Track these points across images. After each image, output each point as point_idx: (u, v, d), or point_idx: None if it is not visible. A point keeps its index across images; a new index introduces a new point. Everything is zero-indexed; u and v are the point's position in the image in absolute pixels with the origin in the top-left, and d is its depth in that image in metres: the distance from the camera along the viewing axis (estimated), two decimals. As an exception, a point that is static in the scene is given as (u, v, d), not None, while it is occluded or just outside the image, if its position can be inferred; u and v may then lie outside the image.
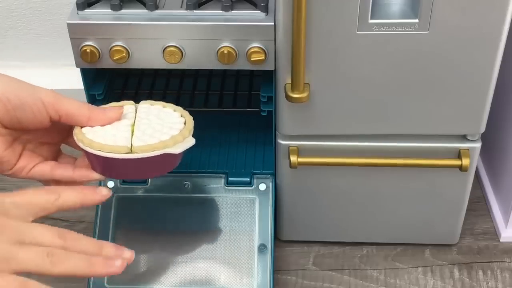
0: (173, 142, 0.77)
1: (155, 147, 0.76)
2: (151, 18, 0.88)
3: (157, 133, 0.78)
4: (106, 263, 0.66)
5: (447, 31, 0.84)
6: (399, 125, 0.94)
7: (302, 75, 0.86)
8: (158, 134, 0.78)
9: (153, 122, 0.79)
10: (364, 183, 1.02)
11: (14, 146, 0.74)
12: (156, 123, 0.79)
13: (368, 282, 1.07)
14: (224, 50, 0.88)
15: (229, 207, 1.01)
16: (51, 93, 0.73)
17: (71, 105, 0.74)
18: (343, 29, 0.84)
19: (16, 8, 1.32)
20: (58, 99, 0.73)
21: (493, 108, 0.93)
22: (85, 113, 0.74)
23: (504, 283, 1.07)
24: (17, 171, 0.75)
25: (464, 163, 0.96)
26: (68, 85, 1.35)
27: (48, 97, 0.72)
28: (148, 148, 0.76)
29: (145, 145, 0.76)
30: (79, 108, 0.74)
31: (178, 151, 0.78)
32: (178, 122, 0.81)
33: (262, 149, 1.08)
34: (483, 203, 1.20)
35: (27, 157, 0.75)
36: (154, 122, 0.79)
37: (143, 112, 0.81)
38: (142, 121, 0.79)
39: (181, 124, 0.80)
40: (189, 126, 0.80)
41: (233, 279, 0.97)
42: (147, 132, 0.78)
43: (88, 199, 0.70)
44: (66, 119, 0.74)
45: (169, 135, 0.78)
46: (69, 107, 0.73)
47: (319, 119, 0.94)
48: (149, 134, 0.78)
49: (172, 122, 0.80)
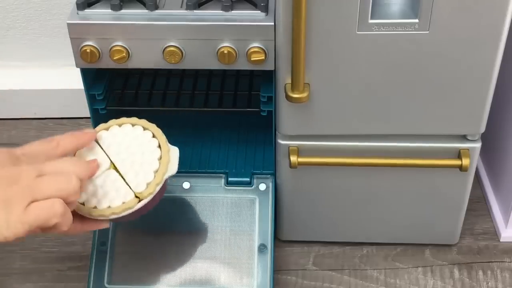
0: (165, 165, 0.78)
1: (157, 181, 0.77)
2: (151, 18, 0.88)
3: (143, 165, 0.78)
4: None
5: (447, 31, 0.84)
6: (399, 125, 0.94)
7: (302, 75, 0.86)
8: (145, 165, 0.78)
9: (131, 155, 0.79)
10: (364, 183, 1.02)
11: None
12: (134, 154, 0.79)
13: (368, 282, 1.07)
14: (224, 50, 0.88)
15: (229, 207, 1.01)
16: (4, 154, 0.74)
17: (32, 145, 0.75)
18: (343, 29, 0.84)
19: (16, 8, 1.32)
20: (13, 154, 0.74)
21: (493, 108, 0.93)
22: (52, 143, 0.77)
23: (504, 283, 1.07)
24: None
25: (464, 163, 0.96)
26: (68, 85, 1.35)
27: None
28: (153, 187, 0.77)
29: (148, 186, 0.77)
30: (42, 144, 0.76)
31: (175, 169, 0.79)
32: (150, 140, 0.81)
33: (262, 149, 1.08)
34: (483, 203, 1.20)
35: None
36: (132, 154, 0.79)
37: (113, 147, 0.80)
38: (121, 160, 0.79)
39: (152, 140, 0.81)
40: (162, 140, 0.81)
41: (233, 279, 0.97)
42: (135, 169, 0.78)
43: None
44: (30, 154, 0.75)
45: (155, 160, 0.78)
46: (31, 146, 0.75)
47: (319, 119, 0.94)
48: (137, 171, 0.78)
49: (146, 143, 0.80)
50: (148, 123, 0.84)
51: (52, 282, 1.07)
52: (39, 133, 1.37)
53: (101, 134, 0.82)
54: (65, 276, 1.07)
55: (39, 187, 0.66)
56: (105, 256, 0.98)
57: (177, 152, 0.82)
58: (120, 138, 0.81)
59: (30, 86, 1.38)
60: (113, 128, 0.83)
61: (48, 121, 1.40)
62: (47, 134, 0.80)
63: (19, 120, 1.40)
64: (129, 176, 0.78)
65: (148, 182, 0.78)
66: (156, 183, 0.78)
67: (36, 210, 0.65)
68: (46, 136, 0.77)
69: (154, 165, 0.79)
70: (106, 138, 0.81)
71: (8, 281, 1.07)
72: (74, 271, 1.08)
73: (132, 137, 0.82)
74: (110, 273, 0.97)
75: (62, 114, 1.40)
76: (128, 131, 0.82)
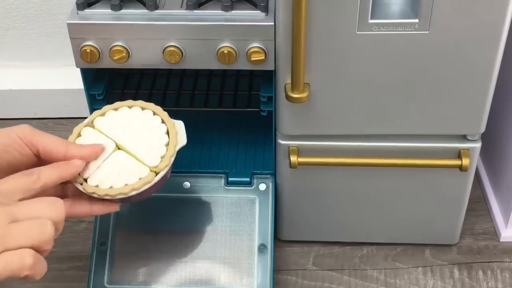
0: (174, 137, 0.78)
1: (171, 153, 0.77)
2: (151, 18, 0.88)
3: (153, 141, 0.78)
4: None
5: (447, 31, 0.84)
6: (399, 125, 0.94)
7: (302, 75, 0.86)
8: (155, 141, 0.78)
9: (137, 134, 0.79)
10: (364, 183, 1.02)
11: None
12: (140, 132, 0.79)
13: (368, 282, 1.07)
14: (224, 50, 0.88)
15: (229, 207, 1.01)
16: (26, 129, 0.73)
17: (47, 140, 0.74)
18: (343, 29, 0.84)
19: (16, 8, 1.32)
20: (34, 134, 0.73)
21: (493, 108, 0.93)
22: (61, 149, 0.74)
23: (504, 283, 1.07)
24: None
25: (464, 163, 0.96)
26: (68, 85, 1.35)
27: (23, 133, 0.73)
28: (168, 159, 0.77)
29: (163, 159, 0.77)
30: (55, 143, 0.74)
31: (184, 139, 0.80)
32: (152, 117, 0.81)
33: (262, 149, 1.08)
34: (483, 203, 1.20)
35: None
36: (138, 133, 0.79)
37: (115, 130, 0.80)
38: (127, 140, 0.79)
39: (155, 117, 0.81)
40: (165, 116, 0.81)
41: (233, 279, 0.97)
42: (145, 146, 0.78)
43: (65, 173, 0.73)
44: (43, 154, 0.74)
45: (163, 134, 0.79)
46: (45, 141, 0.74)
47: (319, 119, 0.94)
48: (149, 147, 0.78)
49: (150, 121, 0.80)
50: (146, 103, 0.83)
51: (52, 282, 1.07)
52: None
53: (97, 120, 0.81)
54: (65, 276, 1.07)
55: (11, 234, 0.61)
56: (105, 256, 0.98)
57: (182, 125, 0.82)
58: (120, 120, 0.81)
59: (30, 86, 1.38)
60: (109, 113, 0.82)
61: (48, 121, 1.40)
62: (48, 134, 0.79)
63: (19, 120, 1.40)
64: (141, 153, 0.78)
65: (162, 156, 0.78)
66: (170, 155, 0.78)
67: (5, 262, 0.60)
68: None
69: (163, 139, 0.79)
70: (104, 123, 0.80)
71: (8, 281, 1.07)
72: (74, 271, 1.08)
73: (133, 117, 0.81)
74: (110, 273, 0.97)
75: (62, 114, 1.40)
76: (126, 113, 0.82)
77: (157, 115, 0.82)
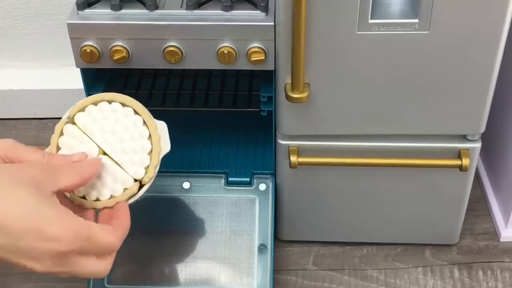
0: (157, 144, 0.78)
1: (154, 163, 0.77)
2: (151, 18, 0.88)
3: (136, 150, 0.77)
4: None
5: (447, 31, 0.84)
6: (399, 125, 0.94)
7: (302, 75, 0.86)
8: (138, 150, 0.77)
9: (120, 142, 0.78)
10: (364, 183, 1.02)
11: None
12: (123, 140, 0.78)
13: (368, 282, 1.07)
14: (224, 50, 0.88)
15: (229, 207, 1.01)
16: (6, 145, 0.72)
17: (28, 156, 0.72)
18: (343, 29, 0.84)
19: (16, 8, 1.32)
20: (14, 150, 0.71)
21: (493, 108, 0.93)
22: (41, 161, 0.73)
23: (504, 283, 1.07)
24: None
25: (464, 163, 0.96)
26: (68, 85, 1.35)
27: (3, 151, 0.71)
28: (152, 171, 0.77)
29: (148, 170, 0.77)
30: (35, 158, 0.72)
31: (168, 145, 0.79)
32: (133, 119, 0.79)
33: (262, 149, 1.08)
34: (483, 203, 1.20)
35: None
36: (121, 141, 0.78)
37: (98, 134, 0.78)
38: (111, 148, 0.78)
39: (136, 118, 0.79)
40: (146, 116, 0.79)
41: (233, 279, 0.97)
42: (129, 157, 0.77)
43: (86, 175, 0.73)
44: None
45: (146, 141, 0.78)
46: (26, 157, 0.72)
47: (319, 119, 0.94)
48: (132, 158, 0.77)
49: (131, 124, 0.79)
50: (126, 98, 0.81)
51: (52, 282, 1.07)
52: (39, 133, 1.37)
53: (78, 117, 0.79)
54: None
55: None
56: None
57: (165, 127, 0.81)
58: (101, 122, 0.79)
59: (30, 86, 1.38)
60: (89, 108, 0.80)
61: (48, 121, 1.40)
62: (47, 134, 0.79)
63: (19, 120, 1.40)
64: (125, 164, 0.77)
65: (145, 166, 0.77)
66: (154, 166, 0.77)
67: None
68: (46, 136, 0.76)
69: (146, 147, 0.78)
70: (86, 124, 0.79)
71: (8, 281, 1.07)
72: (74, 271, 1.08)
73: (114, 119, 0.79)
74: (110, 273, 0.97)
75: (62, 114, 1.39)
76: (107, 112, 0.80)
77: (138, 115, 0.80)
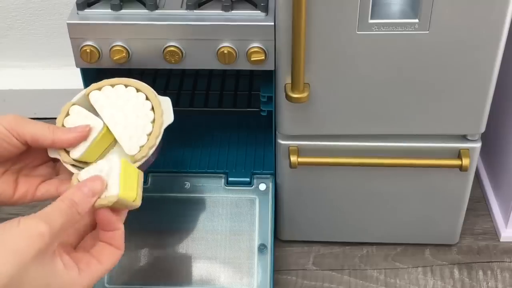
0: (158, 128, 0.78)
1: (150, 144, 0.77)
2: (151, 18, 0.88)
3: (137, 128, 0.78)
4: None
5: (447, 31, 0.84)
6: (399, 125, 0.94)
7: (302, 75, 0.86)
8: (139, 128, 0.78)
9: (124, 118, 0.78)
10: (364, 183, 1.02)
11: (5, 178, 0.74)
12: (128, 117, 0.78)
13: (368, 282, 1.07)
14: (224, 50, 0.88)
15: (229, 207, 1.01)
16: (12, 119, 0.73)
17: (34, 129, 0.73)
18: (343, 29, 0.84)
19: (16, 8, 1.32)
20: (20, 124, 0.73)
21: (493, 108, 0.93)
22: (48, 136, 0.74)
23: (504, 283, 1.07)
24: (19, 199, 0.75)
25: (464, 163, 0.96)
26: (68, 85, 1.35)
27: (9, 125, 0.72)
28: (145, 150, 0.77)
29: (142, 149, 0.76)
30: (42, 131, 0.74)
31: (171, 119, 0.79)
32: (143, 102, 0.80)
33: (262, 149, 1.08)
34: (483, 203, 1.20)
35: (24, 183, 0.76)
36: (126, 117, 0.78)
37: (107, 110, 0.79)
38: (114, 123, 0.78)
39: (146, 103, 0.79)
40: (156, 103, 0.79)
41: (233, 279, 0.97)
42: (128, 132, 0.77)
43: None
44: (32, 142, 0.74)
45: (148, 123, 0.78)
46: (32, 130, 0.73)
47: (319, 119, 0.94)
48: (131, 134, 0.77)
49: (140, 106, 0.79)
50: (141, 84, 0.82)
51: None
52: (39, 133, 1.37)
53: (94, 93, 0.80)
54: (65, 276, 1.07)
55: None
56: (105, 256, 0.98)
57: (169, 103, 0.81)
58: (113, 99, 0.80)
59: (30, 86, 1.38)
60: (105, 88, 0.81)
61: (48, 121, 1.40)
62: (47, 134, 0.79)
63: (19, 120, 1.40)
64: (123, 139, 0.78)
65: (141, 145, 0.78)
66: (149, 146, 0.77)
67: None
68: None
69: (147, 128, 0.79)
70: (99, 99, 0.80)
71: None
72: (74, 271, 1.08)
73: (125, 99, 0.80)
74: (110, 273, 0.97)
75: (62, 114, 1.40)
76: (121, 93, 0.81)
77: (148, 101, 0.80)
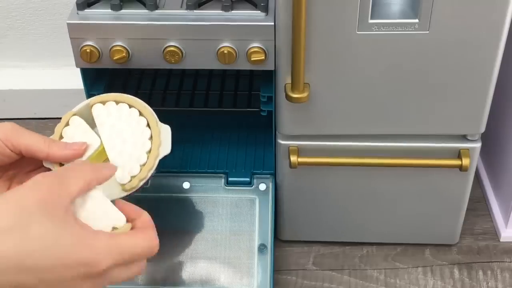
0: (154, 158, 0.76)
1: (141, 177, 0.75)
2: (151, 18, 0.88)
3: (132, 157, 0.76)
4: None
5: (447, 31, 0.84)
6: (399, 125, 0.94)
7: (302, 75, 0.86)
8: (133, 158, 0.76)
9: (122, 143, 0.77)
10: (364, 183, 1.02)
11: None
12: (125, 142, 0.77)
13: (368, 282, 1.07)
14: (224, 50, 0.88)
15: (229, 207, 1.01)
16: (8, 129, 0.72)
17: (29, 140, 0.72)
18: (343, 29, 0.84)
19: (16, 8, 1.32)
20: (15, 134, 0.72)
21: (493, 108, 0.93)
22: (43, 150, 0.73)
23: (504, 283, 1.07)
24: None
25: (464, 163, 0.96)
26: (68, 85, 1.35)
27: (4, 134, 0.71)
28: (136, 182, 0.75)
29: (132, 180, 0.75)
30: (37, 143, 0.73)
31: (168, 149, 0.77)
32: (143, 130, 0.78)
33: (262, 149, 1.08)
34: (483, 203, 1.20)
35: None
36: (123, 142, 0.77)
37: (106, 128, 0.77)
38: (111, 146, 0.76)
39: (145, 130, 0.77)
40: (155, 132, 0.77)
41: (233, 279, 0.97)
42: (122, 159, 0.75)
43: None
44: (26, 153, 0.72)
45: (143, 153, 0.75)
46: (27, 142, 0.72)
47: (319, 119, 0.94)
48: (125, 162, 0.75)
49: (139, 134, 0.77)
50: (145, 108, 0.79)
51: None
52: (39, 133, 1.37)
53: (97, 107, 0.79)
54: (65, 276, 1.07)
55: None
56: (105, 256, 0.98)
57: (169, 132, 0.79)
58: (114, 119, 0.78)
59: (30, 86, 1.38)
60: (109, 104, 0.79)
61: (48, 121, 1.40)
62: (47, 134, 0.78)
63: (19, 120, 1.40)
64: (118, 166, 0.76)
65: (133, 176, 0.77)
66: (140, 178, 0.76)
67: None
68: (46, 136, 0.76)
69: (142, 158, 0.77)
70: (100, 114, 0.78)
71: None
72: (74, 271, 1.08)
73: (126, 122, 0.78)
74: (110, 273, 0.97)
75: (62, 114, 1.38)
76: (123, 114, 0.79)
77: (148, 128, 0.78)
